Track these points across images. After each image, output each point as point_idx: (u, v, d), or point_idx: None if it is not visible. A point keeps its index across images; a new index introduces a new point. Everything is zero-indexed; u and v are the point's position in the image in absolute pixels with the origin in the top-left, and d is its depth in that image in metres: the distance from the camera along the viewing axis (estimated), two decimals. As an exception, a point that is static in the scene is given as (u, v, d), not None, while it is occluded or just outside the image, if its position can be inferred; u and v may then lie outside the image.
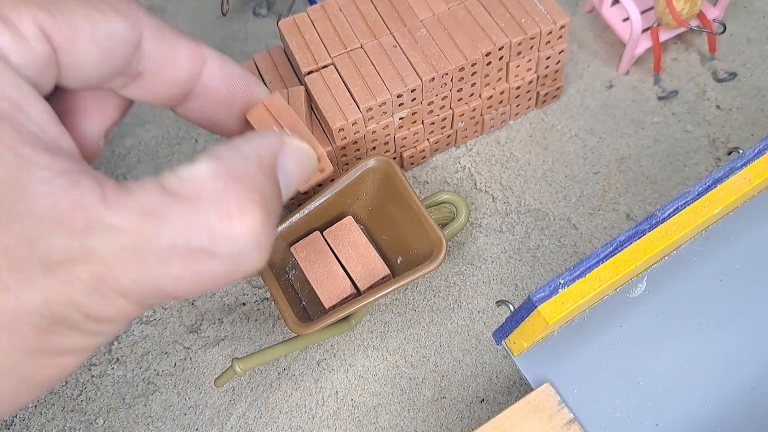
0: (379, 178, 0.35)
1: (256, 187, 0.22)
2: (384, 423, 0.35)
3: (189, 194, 0.21)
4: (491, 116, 0.40)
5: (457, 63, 0.35)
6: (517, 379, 0.35)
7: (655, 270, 0.29)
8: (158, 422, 0.35)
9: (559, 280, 0.25)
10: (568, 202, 0.39)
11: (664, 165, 0.40)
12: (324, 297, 0.34)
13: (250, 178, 0.22)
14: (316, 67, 0.36)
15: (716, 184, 0.27)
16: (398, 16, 0.37)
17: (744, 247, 0.30)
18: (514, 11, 0.37)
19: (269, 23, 0.46)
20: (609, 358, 0.28)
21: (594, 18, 0.45)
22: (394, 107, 0.36)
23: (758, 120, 0.41)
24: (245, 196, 0.21)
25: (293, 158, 0.25)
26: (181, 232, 0.20)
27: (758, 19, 0.44)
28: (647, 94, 0.42)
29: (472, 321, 0.37)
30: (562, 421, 0.26)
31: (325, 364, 0.36)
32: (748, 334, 0.28)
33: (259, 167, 0.23)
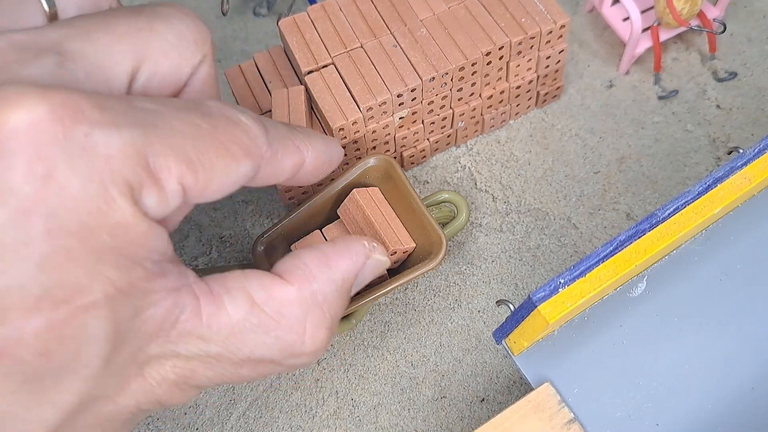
0: (379, 176, 0.35)
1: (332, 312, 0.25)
2: (384, 422, 0.35)
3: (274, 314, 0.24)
4: (491, 116, 0.40)
5: (457, 62, 0.35)
6: (517, 378, 0.35)
7: (655, 270, 0.29)
8: (158, 422, 0.35)
9: (559, 280, 0.25)
10: (568, 202, 0.39)
11: (664, 165, 0.40)
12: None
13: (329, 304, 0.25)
14: (316, 67, 0.36)
15: (716, 183, 0.27)
16: (398, 15, 0.37)
17: (744, 246, 0.30)
18: (515, 11, 0.37)
19: (269, 23, 0.46)
20: (609, 358, 0.28)
21: (594, 18, 0.45)
22: (395, 107, 0.36)
23: (758, 119, 0.41)
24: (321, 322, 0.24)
25: (371, 271, 0.27)
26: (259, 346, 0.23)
27: (758, 19, 0.44)
28: (647, 93, 0.42)
29: (472, 320, 0.37)
30: (563, 420, 0.26)
31: (325, 364, 0.36)
32: (748, 334, 0.28)
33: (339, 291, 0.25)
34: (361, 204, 0.33)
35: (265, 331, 0.23)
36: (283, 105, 0.34)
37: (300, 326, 0.24)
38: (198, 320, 0.22)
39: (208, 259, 0.39)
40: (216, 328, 0.22)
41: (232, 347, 0.23)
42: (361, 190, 0.34)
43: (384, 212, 0.33)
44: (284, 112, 0.33)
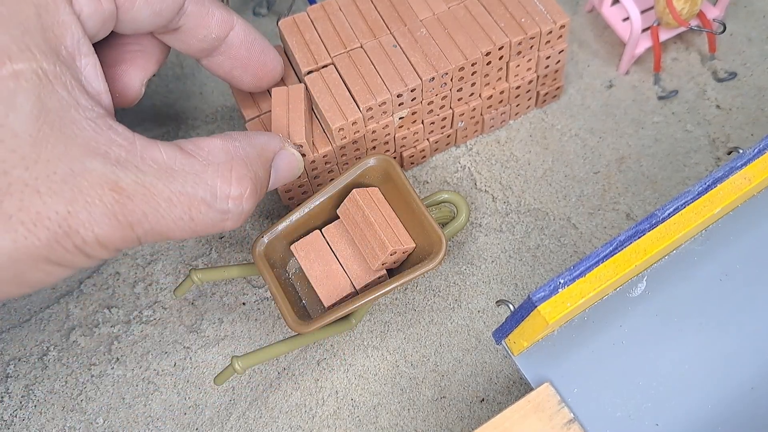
0: (379, 176, 0.35)
1: (253, 168, 0.28)
2: (384, 422, 0.35)
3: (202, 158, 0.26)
4: (491, 116, 0.40)
5: (457, 63, 0.35)
6: (517, 378, 0.35)
7: (655, 270, 0.29)
8: (158, 422, 0.35)
9: (559, 280, 0.25)
10: (568, 202, 0.39)
11: (664, 165, 0.40)
12: (323, 295, 0.34)
13: (251, 160, 0.28)
14: (316, 67, 0.36)
15: (716, 183, 0.27)
16: (398, 15, 0.37)
17: (744, 246, 0.30)
18: (514, 11, 0.37)
19: (269, 23, 0.46)
20: (609, 358, 0.28)
21: (594, 18, 0.45)
22: (394, 107, 0.36)
23: (758, 119, 0.41)
24: (244, 172, 0.27)
25: (285, 160, 0.31)
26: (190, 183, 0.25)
27: (758, 19, 0.44)
28: (647, 93, 0.42)
29: (472, 321, 0.37)
30: (562, 420, 0.26)
31: (325, 364, 0.36)
32: (748, 334, 0.28)
33: (259, 156, 0.29)
34: (360, 204, 0.33)
35: (194, 171, 0.25)
36: (282, 103, 0.34)
37: (226, 171, 0.26)
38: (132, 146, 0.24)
39: (208, 260, 0.39)
40: (150, 161, 0.24)
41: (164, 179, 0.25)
42: (361, 190, 0.34)
43: (384, 212, 0.33)
44: (284, 110, 0.34)
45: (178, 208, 0.25)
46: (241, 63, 0.32)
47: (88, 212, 0.23)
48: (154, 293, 0.38)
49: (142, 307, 0.38)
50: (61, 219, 0.23)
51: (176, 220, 0.25)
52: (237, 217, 0.27)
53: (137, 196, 0.24)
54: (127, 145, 0.24)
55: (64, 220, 0.23)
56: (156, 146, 0.25)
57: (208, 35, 0.30)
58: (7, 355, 0.37)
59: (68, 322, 0.38)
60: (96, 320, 0.37)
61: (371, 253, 0.33)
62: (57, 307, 0.38)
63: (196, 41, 0.30)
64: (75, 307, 0.38)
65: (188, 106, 0.43)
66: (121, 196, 0.24)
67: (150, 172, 0.24)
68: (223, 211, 0.26)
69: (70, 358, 0.37)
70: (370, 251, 0.33)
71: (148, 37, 0.30)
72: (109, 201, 0.23)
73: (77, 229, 0.23)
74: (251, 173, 0.27)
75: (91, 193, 0.23)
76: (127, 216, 0.24)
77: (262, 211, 0.40)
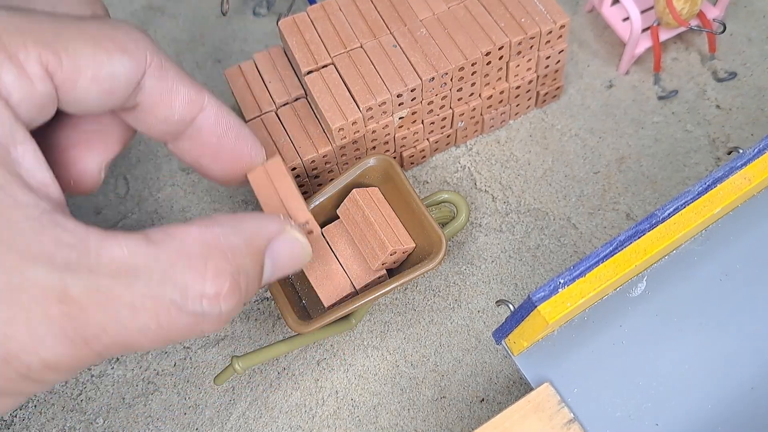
0: (379, 176, 0.35)
1: (237, 262, 0.23)
2: (384, 422, 0.35)
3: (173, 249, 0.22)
4: (491, 116, 0.40)
5: (457, 63, 0.35)
6: (517, 378, 0.35)
7: (655, 270, 0.29)
8: (158, 422, 0.35)
9: (559, 280, 0.25)
10: (568, 202, 0.39)
11: (664, 165, 0.40)
12: (323, 295, 0.34)
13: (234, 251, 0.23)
14: (315, 67, 0.36)
15: (716, 183, 0.27)
16: (398, 15, 0.37)
17: (744, 246, 0.30)
18: (514, 11, 0.37)
19: (269, 23, 0.46)
20: (609, 358, 0.28)
21: (594, 18, 0.45)
22: (394, 107, 0.36)
23: (758, 119, 0.41)
24: (224, 267, 0.22)
25: (287, 247, 0.26)
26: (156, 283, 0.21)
27: (758, 19, 0.44)
28: (647, 93, 0.42)
29: (472, 321, 0.37)
30: (562, 420, 0.26)
31: (325, 364, 0.36)
32: (748, 334, 0.28)
33: (247, 245, 0.24)
34: (360, 204, 0.33)
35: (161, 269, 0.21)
36: (266, 184, 0.29)
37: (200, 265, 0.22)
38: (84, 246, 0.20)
39: (208, 259, 0.39)
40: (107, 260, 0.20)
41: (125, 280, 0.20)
42: (361, 190, 0.34)
43: (384, 212, 0.33)
44: (271, 190, 0.29)
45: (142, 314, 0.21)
46: (211, 151, 0.27)
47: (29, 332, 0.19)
48: (154, 293, 0.38)
49: (142, 307, 0.38)
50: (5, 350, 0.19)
51: (142, 329, 0.21)
52: (215, 320, 0.22)
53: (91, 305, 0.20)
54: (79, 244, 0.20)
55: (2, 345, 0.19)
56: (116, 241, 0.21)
57: (170, 117, 0.25)
58: (7, 355, 0.37)
59: (68, 322, 0.38)
60: (96, 320, 0.37)
61: (371, 253, 0.33)
62: (57, 307, 0.38)
63: (157, 122, 0.26)
64: (75, 307, 0.38)
65: (188, 106, 0.43)
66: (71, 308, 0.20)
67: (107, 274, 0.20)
68: (197, 314, 0.22)
69: (70, 358, 0.37)
70: (370, 251, 0.33)
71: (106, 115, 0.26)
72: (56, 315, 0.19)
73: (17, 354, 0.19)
74: (232, 267, 0.23)
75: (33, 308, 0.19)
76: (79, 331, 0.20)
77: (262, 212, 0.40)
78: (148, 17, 0.46)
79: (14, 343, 0.19)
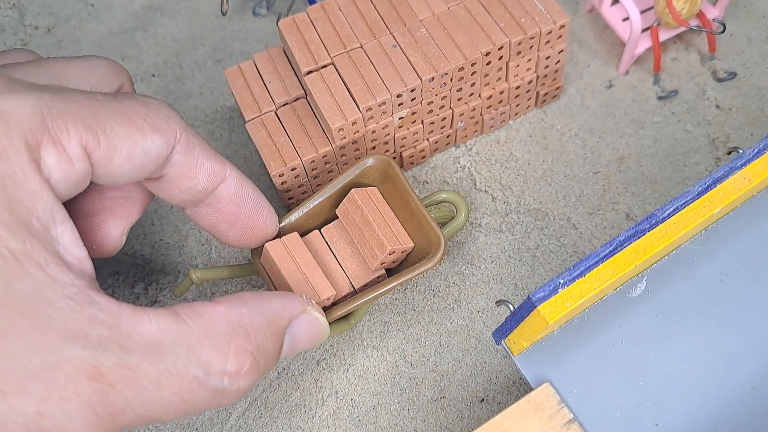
0: (378, 176, 0.35)
1: (257, 340, 0.24)
2: (384, 423, 0.35)
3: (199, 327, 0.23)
4: (491, 116, 0.40)
5: (457, 63, 0.35)
6: (516, 378, 0.35)
7: (654, 270, 0.29)
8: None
9: (559, 280, 0.25)
10: (567, 202, 0.39)
11: (663, 165, 0.40)
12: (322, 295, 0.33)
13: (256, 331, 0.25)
14: (315, 67, 0.36)
15: (716, 183, 0.27)
16: (398, 15, 0.37)
17: (744, 247, 0.30)
18: (514, 11, 0.37)
19: (269, 23, 0.46)
20: (609, 358, 0.28)
21: (594, 18, 0.45)
22: (394, 107, 0.36)
23: (758, 120, 0.41)
24: (245, 345, 0.24)
25: (306, 327, 0.28)
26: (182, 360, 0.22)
27: (758, 19, 0.44)
28: (647, 93, 0.42)
29: (472, 321, 0.37)
30: (562, 420, 0.26)
31: (325, 364, 0.36)
32: (748, 334, 0.28)
33: (269, 325, 0.25)
34: (359, 204, 0.33)
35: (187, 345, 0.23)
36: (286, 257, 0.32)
37: (224, 344, 0.23)
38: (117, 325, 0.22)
39: (208, 260, 0.39)
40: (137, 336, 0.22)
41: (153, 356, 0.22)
42: (360, 190, 0.34)
43: (382, 212, 0.33)
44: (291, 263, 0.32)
45: (167, 389, 0.22)
46: (228, 218, 0.29)
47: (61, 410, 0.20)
48: (153, 293, 0.38)
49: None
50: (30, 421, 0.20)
51: (165, 403, 0.22)
52: (233, 395, 0.24)
53: (120, 381, 0.21)
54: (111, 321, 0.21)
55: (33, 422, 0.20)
56: (146, 317, 0.22)
57: (193, 187, 0.27)
58: (7, 356, 0.37)
59: (68, 322, 0.37)
60: (96, 320, 0.37)
61: (370, 253, 0.33)
62: (56, 308, 0.38)
63: (180, 192, 0.27)
64: (74, 308, 0.38)
65: (188, 106, 0.43)
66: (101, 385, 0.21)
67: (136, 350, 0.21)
68: (217, 390, 0.23)
69: (70, 359, 0.37)
70: (368, 251, 0.33)
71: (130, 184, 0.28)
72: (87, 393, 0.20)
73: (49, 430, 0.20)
74: (253, 346, 0.24)
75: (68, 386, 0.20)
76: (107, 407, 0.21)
77: (262, 211, 0.40)
78: (148, 17, 0.46)
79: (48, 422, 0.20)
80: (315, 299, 0.31)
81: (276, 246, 0.33)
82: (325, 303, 0.32)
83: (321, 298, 0.32)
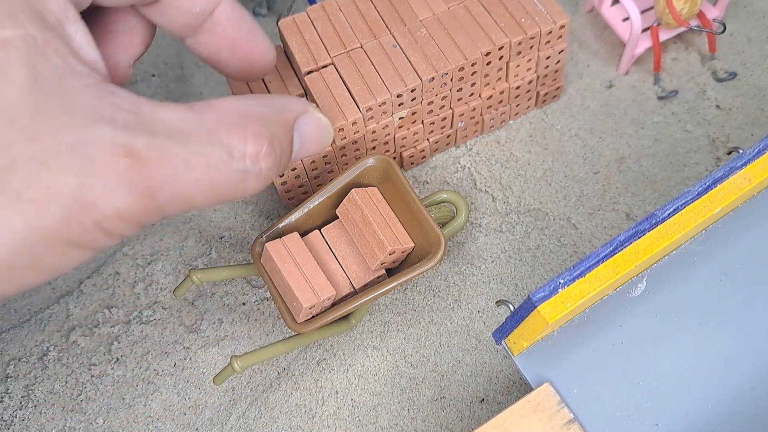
0: (378, 176, 0.35)
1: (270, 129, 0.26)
2: (384, 423, 0.35)
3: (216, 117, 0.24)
4: (491, 116, 0.40)
5: (457, 63, 0.35)
6: (517, 378, 0.35)
7: (655, 270, 0.29)
8: (158, 422, 0.35)
9: (559, 280, 0.25)
10: (568, 202, 0.39)
11: (664, 165, 0.40)
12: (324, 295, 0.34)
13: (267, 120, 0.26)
14: (315, 67, 0.36)
15: (716, 183, 0.27)
16: (398, 15, 0.37)
17: (744, 247, 0.30)
18: (514, 11, 0.37)
19: (269, 23, 0.46)
20: (609, 358, 0.28)
21: (594, 18, 0.45)
22: (394, 107, 0.36)
23: (758, 119, 0.41)
24: (261, 131, 0.25)
25: (311, 126, 0.28)
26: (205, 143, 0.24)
27: (758, 19, 0.44)
28: (647, 93, 0.42)
29: (472, 321, 0.37)
30: (562, 420, 0.26)
31: (325, 364, 0.36)
32: (748, 334, 0.28)
33: (277, 117, 0.27)
34: (359, 204, 0.33)
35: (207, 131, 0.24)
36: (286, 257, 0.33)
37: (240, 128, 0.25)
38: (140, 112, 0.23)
39: (208, 260, 0.39)
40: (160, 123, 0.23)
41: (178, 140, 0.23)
42: (360, 190, 0.34)
43: (383, 212, 0.33)
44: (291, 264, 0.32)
45: (197, 169, 0.23)
46: (228, 43, 0.30)
47: (103, 182, 0.21)
48: (154, 293, 0.38)
49: (142, 307, 0.38)
50: (75, 192, 0.21)
51: (197, 183, 0.23)
52: (256, 179, 0.25)
53: (153, 160, 0.22)
54: (134, 109, 0.23)
55: (78, 193, 0.21)
56: (164, 107, 0.24)
57: (192, 7, 0.28)
58: (7, 355, 0.37)
59: (68, 322, 0.38)
60: (96, 320, 0.37)
61: (370, 253, 0.33)
62: (57, 307, 0.38)
63: (179, 14, 0.28)
64: (75, 307, 0.38)
65: (188, 106, 0.43)
66: (136, 161, 0.22)
67: (162, 134, 0.23)
68: (241, 171, 0.25)
69: (70, 358, 0.37)
70: (369, 251, 0.33)
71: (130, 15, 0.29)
72: (124, 168, 0.21)
73: (94, 202, 0.21)
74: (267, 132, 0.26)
75: (104, 160, 0.21)
76: (146, 182, 0.22)
77: (262, 211, 0.40)
78: (148, 17, 0.46)
79: (91, 192, 0.21)
80: (315, 299, 0.32)
81: (276, 246, 0.33)
82: (325, 303, 0.32)
83: (321, 298, 0.32)
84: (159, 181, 0.22)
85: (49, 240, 0.21)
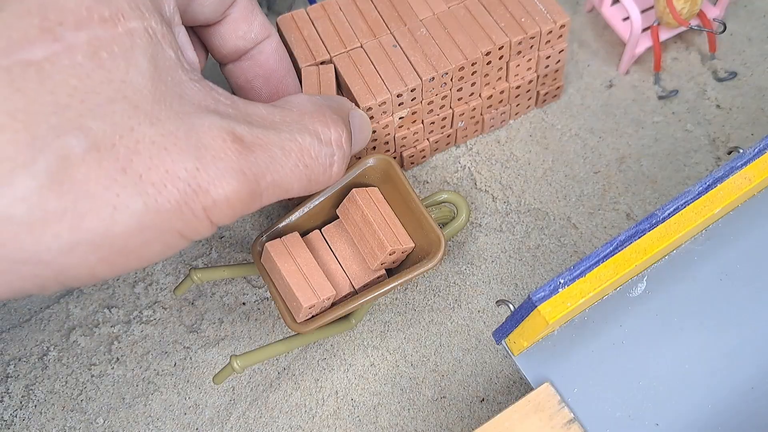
0: (378, 176, 0.35)
1: (338, 116, 0.28)
2: (384, 422, 0.35)
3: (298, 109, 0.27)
4: (491, 116, 0.40)
5: (457, 62, 0.35)
6: (517, 378, 0.35)
7: (655, 269, 0.29)
8: (158, 422, 0.35)
9: (559, 280, 0.25)
10: (568, 202, 0.39)
11: (664, 164, 0.40)
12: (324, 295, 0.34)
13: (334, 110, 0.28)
14: (314, 62, 0.36)
15: (716, 183, 0.27)
16: (398, 15, 0.37)
17: (744, 246, 0.30)
18: (514, 11, 0.37)
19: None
20: (609, 358, 0.28)
21: (594, 17, 0.45)
22: (394, 107, 0.36)
23: (759, 119, 0.41)
24: (337, 119, 0.28)
25: (358, 120, 0.31)
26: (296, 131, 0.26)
27: (758, 19, 0.44)
28: (647, 93, 0.42)
29: (472, 320, 0.37)
30: (562, 420, 0.26)
31: (325, 364, 0.36)
32: (748, 334, 0.28)
33: (338, 110, 0.29)
34: (360, 204, 0.33)
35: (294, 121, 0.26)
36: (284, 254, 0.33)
37: (321, 117, 0.27)
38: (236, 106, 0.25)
39: (208, 260, 0.39)
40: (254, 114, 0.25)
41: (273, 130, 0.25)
42: (360, 190, 0.34)
43: (383, 212, 0.33)
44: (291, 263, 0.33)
45: (292, 155, 0.25)
46: (266, 73, 0.32)
47: (216, 167, 0.22)
48: (154, 293, 0.38)
49: (142, 307, 0.38)
50: (190, 177, 0.22)
51: (293, 169, 0.25)
52: (341, 161, 0.28)
53: (256, 146, 0.24)
54: (231, 103, 0.24)
55: (193, 178, 0.22)
56: (253, 104, 0.25)
57: (248, 33, 0.31)
58: (7, 355, 0.37)
59: (68, 322, 0.38)
60: (96, 320, 0.37)
61: (370, 253, 0.33)
62: (57, 307, 0.38)
63: (235, 38, 0.30)
64: (75, 307, 0.38)
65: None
66: (243, 148, 0.23)
67: (258, 124, 0.24)
68: (330, 155, 0.27)
69: (70, 358, 0.37)
70: (369, 251, 0.33)
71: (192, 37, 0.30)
72: (233, 153, 0.23)
73: (207, 187, 0.22)
74: (343, 120, 0.28)
75: (215, 145, 0.22)
76: (252, 168, 0.23)
77: (262, 211, 0.40)
78: (148, 17, 0.46)
79: (204, 177, 0.22)
80: (315, 299, 0.32)
81: (276, 246, 0.33)
82: (325, 303, 0.32)
83: (321, 298, 0.32)
84: (263, 167, 0.24)
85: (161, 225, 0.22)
